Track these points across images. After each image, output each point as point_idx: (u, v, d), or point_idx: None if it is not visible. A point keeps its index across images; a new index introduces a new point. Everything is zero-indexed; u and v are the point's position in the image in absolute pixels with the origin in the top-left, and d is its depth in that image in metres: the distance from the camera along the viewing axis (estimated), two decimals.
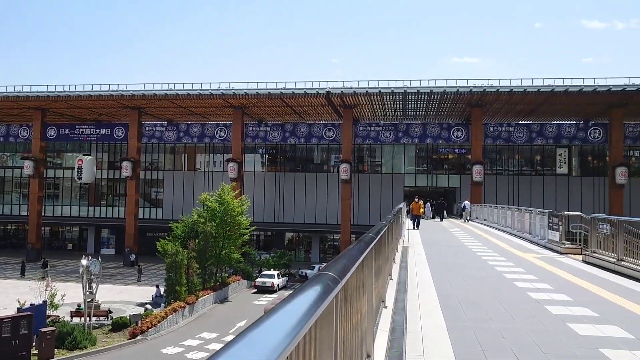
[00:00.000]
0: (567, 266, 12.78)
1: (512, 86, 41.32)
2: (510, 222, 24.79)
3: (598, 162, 49.20)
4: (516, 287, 9.43)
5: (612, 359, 5.09)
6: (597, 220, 13.71)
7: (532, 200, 46.93)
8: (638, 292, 9.31)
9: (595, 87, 39.89)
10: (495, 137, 49.58)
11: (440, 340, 5.71)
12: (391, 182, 51.30)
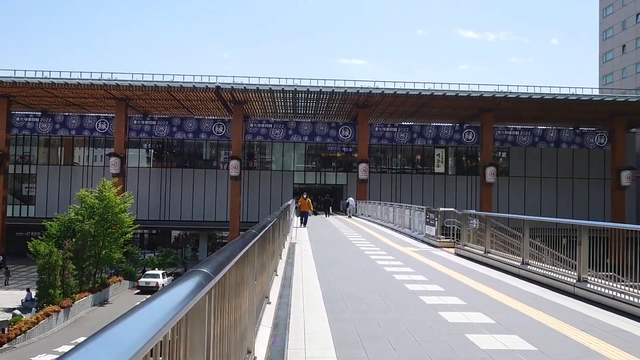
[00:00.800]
0: (441, 259, 13.70)
1: (396, 89, 43.34)
2: (392, 218, 26.02)
3: (471, 162, 53.14)
4: (395, 280, 9.94)
5: (475, 343, 5.55)
6: (468, 215, 14.84)
7: (413, 197, 49.61)
8: (502, 281, 10.22)
9: (469, 93, 43.03)
10: (380, 137, 51.72)
11: (321, 333, 5.88)
12: (281, 179, 51.64)
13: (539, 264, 10.75)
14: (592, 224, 8.78)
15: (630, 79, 61.40)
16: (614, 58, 65.47)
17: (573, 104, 43.42)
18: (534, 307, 7.59)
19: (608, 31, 67.14)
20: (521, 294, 8.77)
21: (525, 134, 51.42)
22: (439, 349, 5.36)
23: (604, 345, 5.60)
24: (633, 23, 61.74)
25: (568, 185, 51.42)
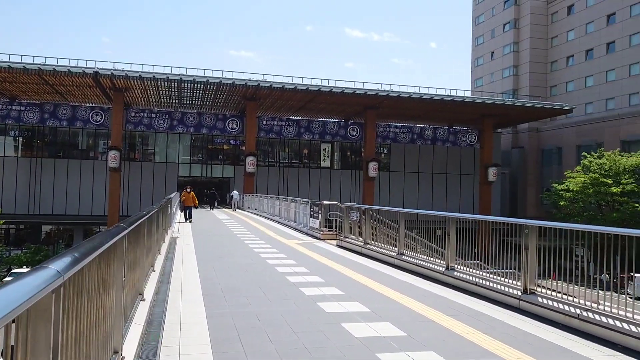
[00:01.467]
0: (323, 250, 14.01)
1: (284, 83, 43.53)
2: (278, 211, 26.16)
3: (355, 157, 54.92)
4: (277, 272, 9.99)
5: (350, 332, 5.73)
6: (349, 208, 15.32)
7: (300, 190, 50.25)
8: (379, 271, 10.67)
9: (355, 90, 44.39)
10: (268, 130, 51.70)
11: (198, 329, 5.75)
12: (164, 172, 49.77)
13: (413, 254, 11.38)
14: (458, 216, 9.45)
15: (498, 83, 66.95)
16: (484, 63, 70.95)
17: (448, 104, 46.41)
18: (407, 294, 8.01)
19: (479, 38, 72.59)
20: (396, 282, 9.22)
21: (405, 131, 54.13)
22: (316, 339, 5.47)
23: (465, 327, 6.05)
24: (501, 32, 67.30)
25: (442, 180, 54.99)
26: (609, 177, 41.16)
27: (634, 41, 51.08)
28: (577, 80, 58.24)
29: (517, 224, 7.67)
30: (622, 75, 52.35)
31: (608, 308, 5.97)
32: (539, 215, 55.83)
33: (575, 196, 42.66)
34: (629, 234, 5.74)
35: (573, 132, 55.41)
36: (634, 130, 48.11)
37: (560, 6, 61.35)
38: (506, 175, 58.90)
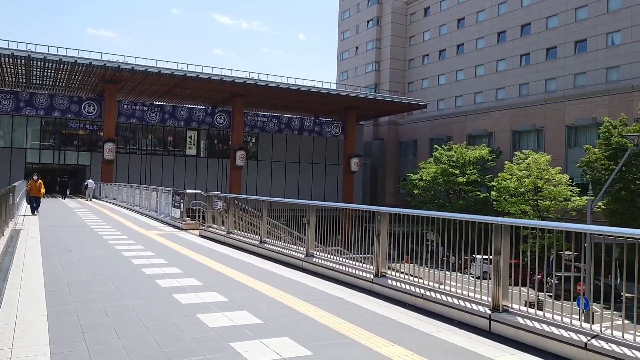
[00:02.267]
0: (185, 241, 13.61)
1: (147, 66, 41.44)
2: (138, 201, 24.94)
3: (222, 145, 54.14)
4: (132, 265, 9.49)
5: (205, 322, 5.61)
6: (213, 197, 15.05)
7: (164, 179, 48.38)
8: (241, 260, 10.61)
9: (222, 77, 43.61)
10: (129, 115, 48.98)
11: (36, 329, 5.25)
12: (9, 158, 45.02)
13: (276, 242, 11.48)
14: (318, 204, 9.70)
15: (361, 77, 69.94)
16: (349, 57, 73.68)
17: (314, 95, 47.51)
18: (267, 282, 8.05)
19: (345, 33, 75.16)
20: (257, 271, 9.24)
21: (273, 120, 54.47)
22: (168, 332, 5.28)
23: (320, 312, 6.23)
24: (365, 28, 70.28)
25: (309, 169, 56.32)
26: (456, 167, 45.06)
27: (480, 45, 56.21)
28: (431, 78, 62.76)
29: (373, 211, 8.04)
30: (469, 76, 57.41)
31: (448, 287, 6.51)
32: (396, 203, 59.48)
33: (427, 185, 46.10)
34: (471, 219, 6.27)
35: (427, 126, 59.71)
36: (477, 125, 53.09)
37: (418, 8, 65.54)
38: (368, 165, 61.90)
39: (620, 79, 42.59)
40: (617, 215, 32.01)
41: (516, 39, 52.03)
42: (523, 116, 48.40)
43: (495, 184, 39.72)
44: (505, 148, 48.75)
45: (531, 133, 48.23)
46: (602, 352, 4.47)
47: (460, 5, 59.18)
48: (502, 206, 38.23)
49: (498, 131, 50.81)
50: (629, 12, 42.36)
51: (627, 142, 30.13)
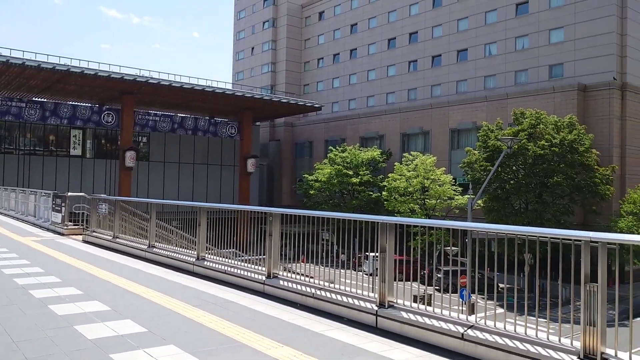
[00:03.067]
0: (66, 247, 12.72)
1: (25, 59, 38.23)
2: (14, 205, 22.95)
3: (111, 145, 51.39)
4: (3, 275, 8.69)
5: (83, 334, 5.26)
6: (98, 200, 14.21)
7: (46, 182, 44.96)
8: (127, 266, 10.10)
9: (110, 74, 41.33)
10: (4, 112, 44.88)
11: None
12: None
13: (165, 245, 11.07)
14: (209, 206, 9.49)
15: (257, 78, 69.68)
16: (245, 58, 73.11)
17: (209, 95, 46.53)
18: (154, 289, 7.73)
19: (241, 33, 74.47)
20: (144, 277, 8.85)
21: (165, 120, 52.55)
22: (40, 345, 4.88)
23: (210, 317, 6.08)
24: (260, 29, 70.11)
25: (204, 170, 55.10)
26: (350, 168, 46.32)
27: (371, 50, 58.27)
28: (326, 81, 64.01)
29: (266, 212, 7.99)
30: (361, 80, 59.30)
31: (339, 286, 6.63)
32: (293, 203, 59.93)
33: (323, 186, 46.93)
34: (358, 218, 6.44)
35: (322, 128, 60.81)
36: (369, 128, 54.98)
37: (313, 11, 66.57)
38: (264, 166, 61.79)
39: (496, 86, 46.14)
40: (494, 212, 34.64)
41: (405, 46, 54.55)
42: (411, 119, 50.85)
43: (386, 184, 41.34)
44: (395, 150, 50.91)
45: (419, 135, 50.79)
46: (477, 341, 4.78)
47: (353, 11, 60.94)
48: (392, 205, 39.86)
49: (389, 133, 52.95)
50: (503, 26, 46.02)
51: (502, 144, 32.69)
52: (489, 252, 5.35)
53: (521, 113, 35.69)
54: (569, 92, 39.73)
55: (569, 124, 34.56)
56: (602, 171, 33.71)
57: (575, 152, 33.13)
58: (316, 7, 66.11)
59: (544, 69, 43.20)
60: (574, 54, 41.43)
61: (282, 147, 64.23)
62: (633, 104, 40.22)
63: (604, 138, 38.17)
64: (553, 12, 42.85)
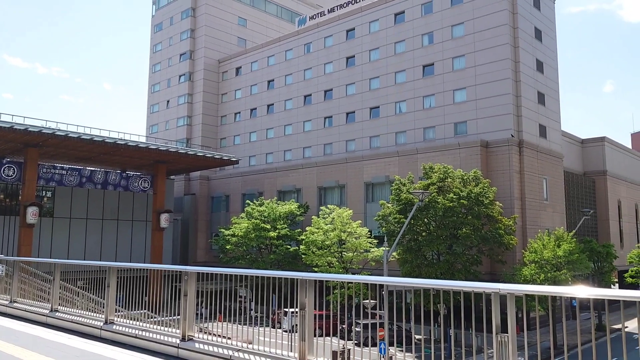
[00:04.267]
0: None
1: None
2: None
3: (11, 200, 48.02)
4: None
5: None
6: None
7: None
8: (27, 333, 9.27)
9: (13, 125, 39.08)
10: None
11: None
12: None
13: (70, 309, 10.32)
14: (119, 265, 9.02)
15: (173, 131, 68.65)
16: (160, 110, 72.03)
17: (122, 148, 45.06)
18: (55, 357, 7.13)
19: (156, 86, 73.61)
20: (45, 345, 8.15)
21: (73, 174, 50.05)
22: None
23: None
24: (176, 83, 69.71)
25: (113, 226, 52.60)
26: (267, 222, 46.07)
27: (288, 106, 59.51)
28: (243, 135, 64.22)
29: (181, 271, 7.71)
30: (279, 134, 60.08)
31: (257, 346, 6.44)
32: (208, 259, 58.40)
33: (240, 240, 46.19)
34: (283, 276, 6.36)
35: (239, 181, 60.48)
36: (287, 181, 55.42)
37: (230, 67, 67.37)
38: (178, 221, 60.07)
39: (407, 142, 48.40)
40: (408, 264, 35.60)
41: (320, 102, 56.25)
42: (328, 173, 51.90)
43: (304, 237, 41.41)
44: (312, 203, 51.45)
45: (335, 189, 51.80)
46: None
47: (270, 67, 62.34)
48: (310, 259, 39.86)
49: (306, 187, 53.57)
50: (411, 85, 48.86)
51: (414, 198, 34.04)
52: (405, 304, 5.47)
53: (430, 167, 37.50)
54: (472, 148, 42.44)
55: (474, 178, 36.70)
56: (506, 222, 35.82)
57: (481, 205, 35.04)
58: (233, 62, 67.00)
59: (449, 126, 45.99)
60: (476, 112, 44.55)
61: (197, 201, 62.95)
62: (529, 159, 43.58)
63: (505, 191, 40.84)
64: (456, 74, 46.15)
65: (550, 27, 50.40)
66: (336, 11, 57.05)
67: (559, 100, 50.57)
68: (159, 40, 74.15)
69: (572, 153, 57.92)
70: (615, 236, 60.58)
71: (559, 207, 47.77)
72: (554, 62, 50.50)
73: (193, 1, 69.13)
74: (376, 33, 52.25)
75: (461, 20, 46.26)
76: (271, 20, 74.45)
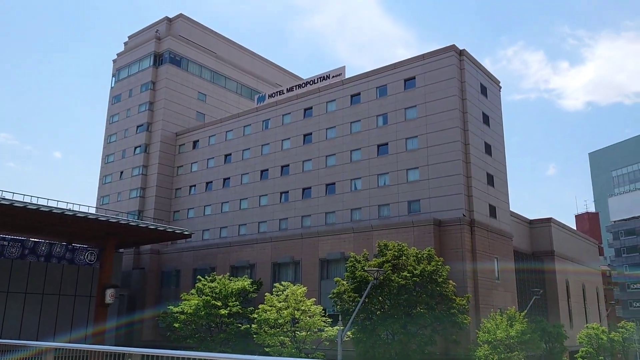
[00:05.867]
0: None
1: None
2: None
3: None
4: None
5: None
6: None
7: None
8: None
9: None
10: None
11: None
12: None
13: None
14: (57, 346, 8.42)
15: (125, 203, 67.11)
16: (113, 182, 70.67)
17: (69, 219, 43.50)
18: None
19: (110, 157, 72.64)
20: None
21: (15, 245, 47.61)
22: None
23: None
24: (132, 154, 69.07)
25: (54, 302, 49.73)
26: (219, 299, 44.60)
27: (245, 180, 59.55)
28: (197, 208, 63.38)
29: (124, 353, 7.26)
30: (234, 208, 59.62)
31: None
32: (155, 338, 55.66)
33: (189, 318, 44.33)
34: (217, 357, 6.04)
35: (191, 256, 58.99)
36: (241, 257, 54.42)
37: (187, 140, 67.53)
38: (125, 296, 57.51)
39: (362, 219, 48.81)
40: (362, 344, 34.77)
41: (277, 177, 56.60)
42: (282, 249, 51.35)
43: (256, 315, 40.10)
44: (266, 279, 50.42)
45: (290, 265, 51.11)
46: None
47: (228, 142, 62.83)
48: (262, 339, 38.47)
49: (260, 263, 52.66)
50: (367, 164, 49.99)
51: (368, 275, 33.85)
52: None
53: (385, 245, 37.67)
54: (426, 227, 43.13)
55: (428, 256, 36.97)
56: (459, 301, 35.86)
57: (435, 283, 35.11)
58: (191, 136, 67.26)
59: (403, 204, 46.83)
60: (429, 191, 45.70)
61: (146, 275, 60.71)
62: (481, 239, 44.54)
63: (458, 270, 41.27)
64: (409, 154, 47.66)
65: (497, 113, 53.35)
66: (294, 90, 58.83)
67: (507, 181, 52.68)
68: (116, 112, 74.06)
69: (520, 233, 59.64)
70: (565, 316, 61.54)
71: (510, 287, 48.45)
72: (501, 146, 53.03)
73: (154, 75, 70.03)
74: (333, 112, 53.90)
75: (414, 104, 48.41)
76: (231, 97, 75.94)
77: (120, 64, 75.85)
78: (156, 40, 71.25)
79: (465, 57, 48.34)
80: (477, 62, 50.49)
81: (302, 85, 58.63)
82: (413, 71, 49.23)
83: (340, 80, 54.28)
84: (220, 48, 76.46)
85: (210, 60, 74.30)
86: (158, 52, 70.83)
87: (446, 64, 47.61)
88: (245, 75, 78.88)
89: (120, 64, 75.91)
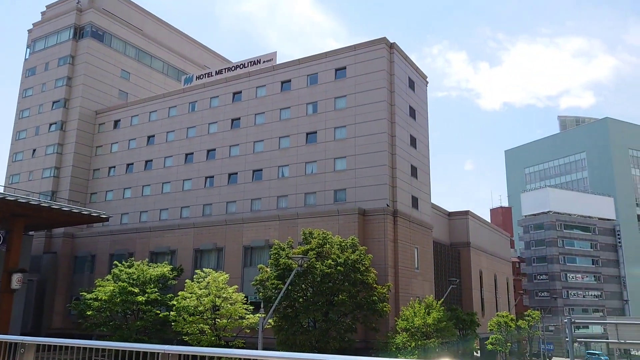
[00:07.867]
0: None
1: None
2: None
3: None
4: None
5: None
6: None
7: None
8: None
9: None
10: None
11: None
12: None
13: None
14: None
15: (37, 182, 63.08)
16: (24, 160, 66.19)
17: None
18: None
19: (21, 133, 67.92)
20: None
21: None
22: None
23: None
24: (46, 131, 64.88)
25: None
26: (136, 286, 42.94)
27: (168, 163, 57.56)
28: (117, 191, 60.64)
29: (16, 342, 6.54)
30: (155, 192, 57.54)
31: None
32: (66, 326, 52.99)
33: (103, 305, 42.41)
34: (143, 349, 5.54)
35: (108, 240, 56.45)
36: (161, 242, 52.68)
37: (108, 119, 64.30)
38: (34, 282, 54.19)
39: (288, 206, 48.58)
40: (283, 332, 34.67)
41: (202, 161, 55.11)
42: (205, 235, 50.18)
43: (175, 302, 38.97)
44: (187, 266, 49.13)
45: (212, 252, 50.07)
46: None
47: (151, 123, 60.41)
48: (180, 326, 37.45)
49: (181, 249, 51.23)
50: (295, 151, 49.72)
51: (293, 263, 33.70)
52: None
53: (310, 233, 37.66)
54: (350, 216, 43.56)
55: (352, 245, 37.35)
56: (380, 290, 36.53)
57: (357, 271, 35.54)
58: (112, 115, 64.11)
59: (329, 192, 47.04)
60: (355, 181, 46.14)
61: (58, 260, 57.49)
62: (403, 229, 45.58)
63: (380, 258, 42.02)
64: (337, 143, 47.85)
65: (423, 107, 54.66)
66: (224, 73, 57.41)
67: (429, 174, 54.20)
68: (30, 85, 69.24)
69: (440, 225, 61.73)
70: (478, 304, 64.57)
71: (428, 276, 50.04)
72: (426, 139, 54.44)
73: (73, 49, 65.97)
74: (263, 98, 53.09)
75: (344, 94, 48.58)
76: (156, 76, 73.04)
77: (37, 35, 70.87)
78: (77, 11, 67.06)
79: (395, 51, 49.01)
80: (406, 56, 51.36)
81: (232, 69, 57.31)
82: (344, 61, 49.35)
83: (272, 66, 53.49)
84: (147, 25, 73.20)
85: (136, 38, 70.98)
86: (79, 25, 66.75)
87: (377, 56, 48.07)
88: (173, 55, 76.08)
89: (37, 34, 70.92)
